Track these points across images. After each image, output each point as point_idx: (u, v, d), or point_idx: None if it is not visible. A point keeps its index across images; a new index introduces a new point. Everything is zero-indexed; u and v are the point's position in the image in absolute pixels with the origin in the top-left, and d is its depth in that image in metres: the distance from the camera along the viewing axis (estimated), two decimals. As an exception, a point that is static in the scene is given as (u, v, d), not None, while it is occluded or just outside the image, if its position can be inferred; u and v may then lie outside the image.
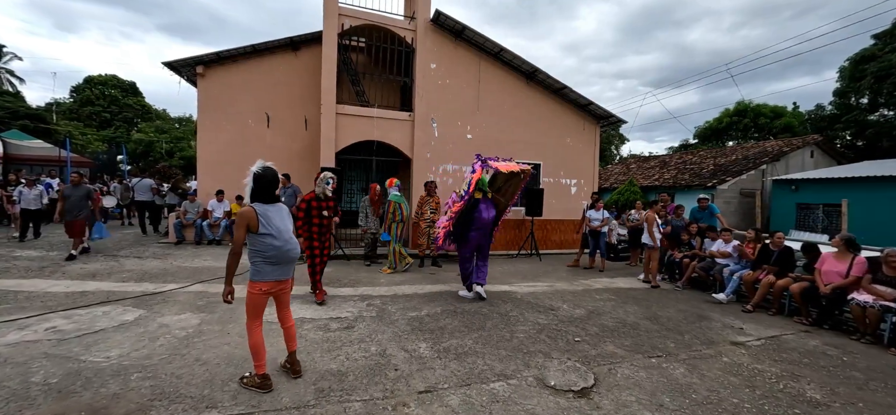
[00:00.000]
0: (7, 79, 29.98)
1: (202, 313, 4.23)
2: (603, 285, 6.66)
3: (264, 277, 2.69)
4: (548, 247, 10.34)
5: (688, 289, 6.61)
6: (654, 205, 7.59)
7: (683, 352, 3.82)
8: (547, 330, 4.25)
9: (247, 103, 9.46)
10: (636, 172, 19.27)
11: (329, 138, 8.49)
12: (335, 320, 4.22)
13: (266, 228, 2.63)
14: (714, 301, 5.82)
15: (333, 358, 3.31)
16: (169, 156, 24.06)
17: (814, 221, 12.26)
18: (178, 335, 3.60)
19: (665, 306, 5.47)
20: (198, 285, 5.35)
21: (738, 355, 3.79)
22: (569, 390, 2.96)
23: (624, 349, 3.81)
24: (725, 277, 6.03)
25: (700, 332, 4.45)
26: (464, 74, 9.67)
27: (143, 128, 29.14)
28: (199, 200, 9.26)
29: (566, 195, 10.81)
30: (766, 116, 25.92)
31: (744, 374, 3.39)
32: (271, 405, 2.57)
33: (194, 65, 8.99)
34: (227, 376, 2.90)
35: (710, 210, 7.58)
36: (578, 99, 10.58)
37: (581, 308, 5.17)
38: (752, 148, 16.81)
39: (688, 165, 16.83)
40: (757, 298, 5.41)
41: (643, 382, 3.14)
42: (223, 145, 9.31)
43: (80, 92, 30.08)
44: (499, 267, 8.00)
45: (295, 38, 9.59)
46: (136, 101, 31.72)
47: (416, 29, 9.11)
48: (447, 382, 3.00)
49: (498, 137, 9.98)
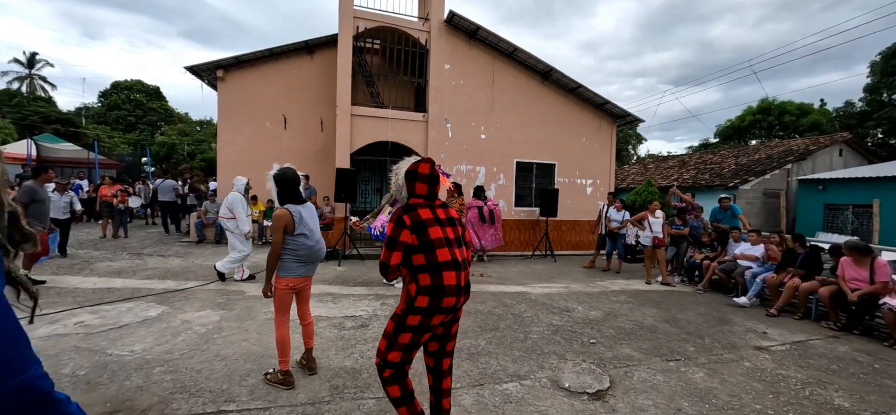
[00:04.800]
0: (40, 85, 31.43)
1: (222, 311, 4.34)
2: (620, 287, 6.54)
3: (292, 274, 2.76)
4: (563, 248, 10.23)
5: (708, 292, 6.44)
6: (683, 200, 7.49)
7: (703, 356, 3.72)
8: (562, 331, 4.20)
9: (264, 106, 9.66)
10: (654, 172, 18.87)
11: (344, 140, 8.60)
12: (350, 319, 4.27)
13: (300, 229, 2.72)
14: (735, 305, 5.65)
15: (348, 355, 3.35)
16: (190, 158, 24.77)
17: (843, 222, 11.77)
18: (198, 331, 3.70)
19: (684, 309, 5.34)
20: (217, 283, 5.48)
21: (762, 360, 3.67)
22: (583, 392, 2.92)
23: (641, 352, 3.74)
24: (747, 280, 5.85)
25: (721, 336, 4.32)
26: (478, 75, 9.66)
27: (167, 131, 30.07)
28: (219, 200, 9.50)
29: (581, 196, 10.68)
30: (791, 113, 25.03)
31: (767, 379, 3.28)
32: (287, 401, 2.61)
33: (215, 69, 9.24)
34: (245, 372, 2.96)
35: (731, 211, 7.36)
36: (594, 98, 10.44)
37: (597, 310, 5.09)
38: (776, 147, 16.26)
39: (708, 165, 16.40)
40: (781, 302, 5.23)
41: (661, 385, 3.08)
42: (242, 147, 9.54)
43: (108, 97, 31.24)
44: (513, 268, 7.95)
45: (310, 41, 9.76)
46: (160, 106, 32.74)
47: (429, 30, 9.15)
48: (460, 381, 3.00)
49: (512, 137, 9.93)
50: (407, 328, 1.95)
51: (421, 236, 1.93)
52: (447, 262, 1.94)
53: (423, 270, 1.93)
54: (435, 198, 2.10)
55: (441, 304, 1.92)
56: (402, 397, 2.02)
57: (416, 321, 1.94)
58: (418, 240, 1.93)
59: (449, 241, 1.99)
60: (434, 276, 1.92)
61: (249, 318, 4.14)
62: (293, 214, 2.71)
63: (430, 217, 1.98)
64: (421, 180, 2.05)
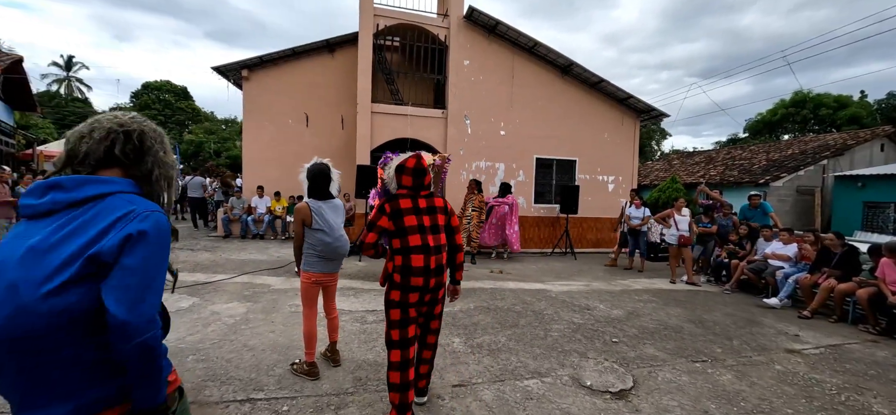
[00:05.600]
0: (77, 87, 33.07)
1: (249, 303, 4.49)
2: (642, 286, 6.41)
3: (313, 269, 2.82)
4: (583, 245, 10.08)
5: (736, 292, 6.23)
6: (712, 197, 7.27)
7: (731, 358, 3.62)
8: (583, 330, 4.16)
9: (287, 104, 9.88)
10: (679, 168, 18.33)
11: (364, 137, 8.71)
12: (371, 313, 4.35)
13: (318, 224, 2.76)
14: (766, 306, 5.45)
15: (370, 349, 3.41)
16: (216, 155, 25.60)
17: (884, 221, 11.14)
18: (227, 322, 3.85)
19: (711, 310, 5.19)
20: (244, 276, 5.67)
21: (794, 364, 3.54)
22: (606, 391, 2.89)
23: (665, 352, 3.66)
24: (779, 281, 5.63)
25: (750, 337, 4.19)
26: (497, 70, 9.60)
27: (194, 130, 31.15)
28: (244, 196, 9.80)
29: (603, 192, 10.48)
30: (828, 106, 23.80)
31: (799, 383, 3.16)
32: (313, 391, 2.69)
33: (240, 69, 9.50)
34: (271, 362, 3.06)
35: (762, 208, 7.08)
36: (617, 92, 10.21)
37: (619, 309, 5.01)
38: (811, 141, 15.51)
39: (737, 161, 15.80)
40: (815, 304, 5.02)
41: (686, 386, 3.01)
42: (266, 144, 9.79)
43: (139, 97, 32.59)
44: (532, 265, 7.90)
45: (331, 39, 9.90)
46: (188, 105, 33.93)
47: (449, 26, 9.14)
48: (480, 377, 3.02)
49: (532, 133, 9.84)
50: (392, 304, 2.24)
51: (397, 223, 2.21)
52: (417, 246, 2.18)
53: (397, 252, 2.22)
54: (421, 188, 2.32)
55: (410, 282, 2.19)
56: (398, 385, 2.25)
57: (397, 297, 2.22)
58: (394, 226, 2.21)
59: (423, 228, 2.22)
60: (404, 258, 2.19)
61: (275, 310, 4.27)
62: (312, 209, 2.76)
63: (410, 207, 2.24)
64: (407, 173, 2.30)
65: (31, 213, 0.94)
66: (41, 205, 0.93)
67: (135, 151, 1.05)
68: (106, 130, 1.03)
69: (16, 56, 9.31)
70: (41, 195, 0.94)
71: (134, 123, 1.07)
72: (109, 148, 1.02)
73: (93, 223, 0.91)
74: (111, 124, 1.04)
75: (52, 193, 0.94)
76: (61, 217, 0.92)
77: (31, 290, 0.84)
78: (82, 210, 0.93)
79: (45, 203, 0.93)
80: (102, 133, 1.02)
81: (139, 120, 1.09)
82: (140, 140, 1.06)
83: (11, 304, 0.84)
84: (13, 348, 0.85)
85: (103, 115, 1.09)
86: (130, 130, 1.05)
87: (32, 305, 0.83)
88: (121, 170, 1.04)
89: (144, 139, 1.07)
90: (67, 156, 1.02)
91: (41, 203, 0.94)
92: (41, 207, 0.93)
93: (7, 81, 8.78)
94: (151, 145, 1.08)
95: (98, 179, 0.97)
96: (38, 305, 0.83)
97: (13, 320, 0.83)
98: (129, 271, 0.88)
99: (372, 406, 2.55)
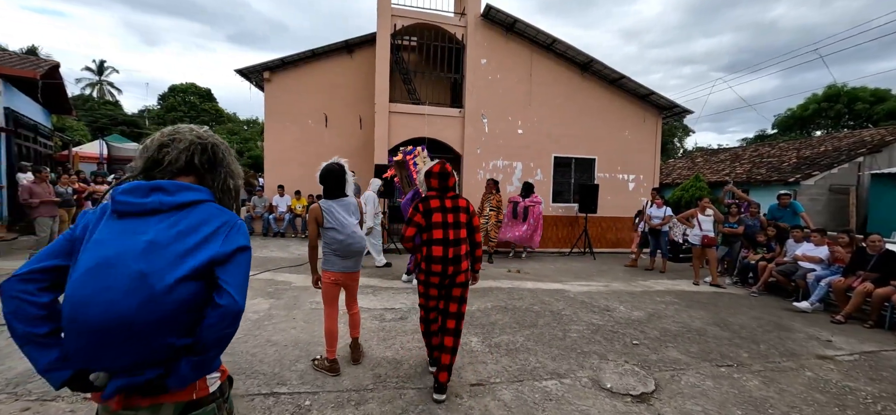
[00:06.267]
0: (108, 90, 34.50)
1: (271, 299, 4.61)
2: (664, 288, 6.27)
3: (332, 267, 2.88)
4: (602, 245, 9.92)
5: (763, 295, 6.02)
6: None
7: (758, 363, 3.50)
8: (602, 331, 4.10)
9: (307, 105, 10.07)
10: (703, 166, 17.79)
11: (382, 137, 8.80)
12: (389, 311, 4.40)
13: (329, 223, 2.81)
14: (795, 310, 5.25)
15: (389, 346, 3.46)
16: (239, 155, 26.33)
17: (926, 221, 10.54)
18: (251, 318, 3.96)
19: (736, 313, 5.04)
20: (267, 273, 5.82)
21: (826, 371, 3.41)
22: (627, 393, 2.84)
23: (689, 356, 3.58)
24: (810, 284, 5.41)
25: (778, 342, 4.04)
26: (515, 68, 9.53)
27: (217, 131, 32.04)
28: (266, 195, 10.05)
29: (623, 191, 10.28)
30: (864, 100, 22.62)
31: (832, 391, 3.04)
32: (334, 387, 2.75)
33: (262, 71, 9.74)
34: (293, 358, 3.14)
35: (792, 208, 6.82)
36: (638, 89, 9.99)
37: (640, 310, 4.92)
38: (845, 138, 14.80)
39: (765, 158, 15.22)
40: (850, 308, 4.80)
41: (710, 391, 2.94)
42: (287, 144, 10.01)
43: (166, 99, 33.75)
44: (550, 265, 7.83)
45: (350, 40, 10.03)
46: (211, 107, 34.92)
47: (466, 25, 9.12)
48: (499, 376, 3.02)
49: (550, 131, 9.73)
50: (421, 283, 2.78)
51: (426, 219, 2.68)
52: (438, 239, 2.64)
53: (424, 243, 2.68)
54: (447, 190, 2.76)
55: (432, 268, 2.65)
56: (424, 332, 2.95)
57: (422, 279, 2.74)
58: (424, 221, 2.69)
59: (446, 224, 2.66)
60: (428, 248, 2.65)
61: (296, 307, 4.37)
62: (323, 208, 2.82)
63: (437, 206, 2.69)
64: (434, 177, 2.77)
65: (136, 210, 1.03)
66: (147, 203, 1.03)
67: (209, 162, 1.19)
68: (189, 141, 1.16)
69: (53, 62, 9.78)
70: (146, 195, 1.04)
71: (209, 137, 1.21)
72: (190, 158, 1.15)
73: (201, 227, 1.05)
74: (192, 137, 1.17)
75: (158, 194, 1.05)
76: (170, 217, 1.04)
77: (160, 280, 0.95)
78: (184, 212, 1.06)
79: (152, 202, 1.04)
80: (185, 144, 1.15)
81: (212, 135, 1.23)
82: (213, 152, 1.20)
83: (144, 292, 0.93)
84: (134, 332, 0.93)
85: (181, 126, 1.21)
86: (207, 143, 1.19)
87: (162, 293, 0.94)
88: (195, 178, 1.17)
89: (217, 152, 1.21)
90: (148, 162, 1.14)
91: (147, 202, 1.04)
92: (148, 206, 1.03)
93: (45, 86, 9.24)
94: (224, 157, 1.23)
95: (192, 187, 1.11)
96: (167, 294, 0.95)
97: (146, 306, 0.93)
98: (239, 271, 1.07)
99: (391, 403, 2.59)
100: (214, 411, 1.14)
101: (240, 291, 1.05)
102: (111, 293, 0.92)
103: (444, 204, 2.69)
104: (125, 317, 0.92)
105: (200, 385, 1.11)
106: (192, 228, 1.04)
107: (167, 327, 0.96)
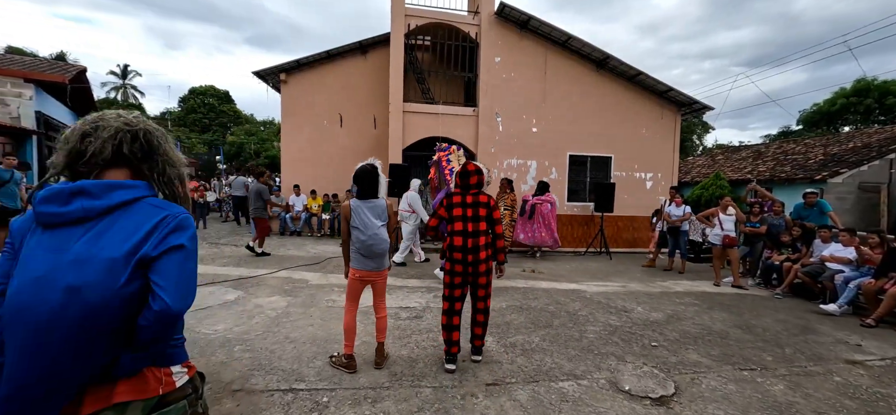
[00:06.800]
0: (132, 93, 35.62)
1: (289, 297, 4.69)
2: (684, 289, 6.13)
3: (355, 265, 2.94)
4: (618, 245, 9.76)
5: (788, 297, 5.84)
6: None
7: (783, 367, 3.40)
8: (620, 332, 4.04)
9: (322, 105, 10.20)
10: (724, 163, 17.32)
11: (397, 136, 8.85)
12: (404, 310, 4.42)
13: (354, 222, 2.88)
14: (822, 312, 5.07)
15: (404, 345, 3.48)
16: (256, 155, 26.82)
17: (964, 221, 10.03)
18: (269, 315, 4.04)
19: (760, 315, 4.89)
20: (283, 272, 5.93)
21: (855, 376, 3.28)
22: (645, 396, 2.79)
23: (710, 358, 3.49)
24: (838, 286, 5.21)
25: (805, 346, 3.91)
26: (529, 66, 9.46)
27: (235, 131, 32.75)
28: (282, 194, 10.22)
29: (640, 190, 10.10)
30: (896, 94, 21.65)
31: (862, 397, 2.92)
32: (350, 384, 2.78)
33: (278, 72, 9.90)
34: (311, 355, 3.19)
35: (819, 207, 6.57)
36: (656, 85, 9.79)
37: (658, 311, 4.82)
38: (876, 134, 14.19)
39: (789, 155, 14.72)
40: (881, 311, 4.61)
41: (733, 395, 2.86)
42: (302, 144, 10.16)
43: (186, 102, 34.65)
44: (566, 264, 7.75)
45: (364, 41, 10.12)
46: (230, 108, 35.69)
47: (480, 23, 9.10)
48: (514, 376, 3.00)
49: (565, 130, 9.62)
50: (447, 272, 3.08)
51: (449, 212, 3.08)
52: (459, 230, 3.01)
53: (449, 233, 3.08)
54: (469, 188, 3.09)
55: (453, 255, 3.01)
56: (445, 325, 3.10)
57: (448, 267, 3.06)
58: (447, 214, 3.09)
59: (466, 217, 3.02)
60: (451, 237, 3.05)
61: (313, 305, 4.44)
62: (352, 207, 2.90)
63: (459, 201, 3.07)
64: (458, 176, 3.17)
65: (60, 221, 0.92)
66: (71, 212, 0.92)
67: (142, 151, 1.05)
68: (114, 128, 1.01)
69: (80, 67, 10.16)
70: (67, 202, 0.92)
71: (140, 122, 1.07)
72: (118, 147, 1.01)
73: (135, 228, 0.95)
74: (118, 123, 1.02)
75: (80, 200, 0.93)
76: (99, 223, 0.94)
77: (96, 293, 0.89)
78: (116, 216, 0.96)
79: (75, 210, 0.92)
80: (110, 132, 1.00)
81: (142, 119, 1.08)
82: (147, 140, 1.06)
83: (79, 307, 0.87)
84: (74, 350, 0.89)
85: (106, 112, 1.06)
86: (137, 129, 1.04)
87: (99, 306, 0.89)
88: (129, 171, 1.04)
89: (151, 138, 1.07)
90: (71, 155, 1.00)
91: (70, 210, 0.92)
92: (72, 215, 0.93)
93: (73, 90, 9.59)
94: (159, 144, 1.09)
95: (123, 184, 0.99)
96: (106, 306, 0.89)
97: (85, 322, 0.88)
98: (174, 272, 0.97)
99: (407, 401, 2.61)
100: (185, 407, 1.07)
101: (174, 294, 0.95)
102: (40, 315, 0.86)
103: (466, 200, 3.04)
104: (62, 337, 0.86)
105: (166, 380, 1.05)
106: (124, 231, 0.95)
107: (108, 338, 0.92)
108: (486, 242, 3.03)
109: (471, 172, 3.08)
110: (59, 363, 0.88)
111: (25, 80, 7.99)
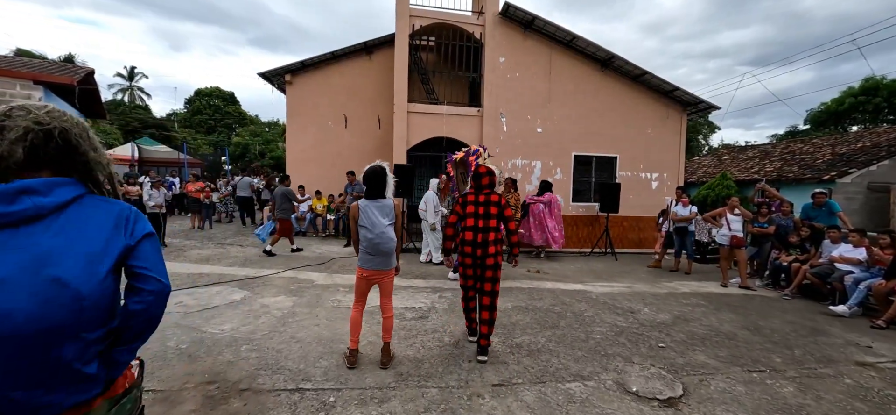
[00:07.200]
0: (138, 95, 35.92)
1: (294, 297, 4.70)
2: (690, 289, 6.09)
3: (362, 264, 2.99)
4: (624, 245, 9.71)
5: (796, 298, 5.78)
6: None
7: (792, 369, 3.36)
8: (626, 333, 4.01)
9: (327, 106, 10.23)
10: (730, 163, 17.18)
11: (401, 137, 8.85)
12: (410, 310, 4.42)
13: (362, 221, 2.94)
14: (832, 314, 5.02)
15: (410, 345, 3.48)
16: (261, 156, 26.96)
17: (976, 221, 9.87)
18: (275, 315, 4.06)
19: (768, 316, 4.85)
20: (289, 272, 5.94)
21: (866, 378, 3.24)
22: (653, 397, 2.77)
23: (718, 360, 3.46)
24: (848, 287, 5.15)
25: (814, 347, 3.87)
26: (534, 66, 9.43)
27: (241, 132, 32.94)
28: (288, 195, 10.25)
29: (646, 190, 10.04)
30: (905, 94, 21.36)
31: (873, 400, 2.88)
32: (357, 384, 2.78)
33: (283, 73, 9.94)
34: (317, 354, 3.20)
35: (828, 207, 6.49)
36: (661, 85, 9.74)
37: (665, 312, 4.79)
38: (885, 133, 14.02)
39: (796, 155, 14.57)
40: (892, 313, 4.54)
41: (742, 397, 2.83)
42: (307, 145, 10.19)
43: (192, 103, 34.89)
44: (571, 265, 7.72)
45: (368, 42, 10.14)
46: (235, 110, 35.91)
47: (484, 23, 9.09)
48: (520, 377, 2.99)
49: (570, 130, 9.59)
50: (460, 264, 3.41)
51: (462, 210, 3.37)
52: (469, 226, 3.30)
53: (461, 229, 3.38)
54: (481, 188, 3.35)
55: (464, 249, 3.32)
56: (464, 309, 3.59)
57: (460, 260, 3.39)
58: (461, 212, 3.37)
59: (477, 215, 3.29)
60: (462, 233, 3.35)
61: (319, 305, 4.45)
62: (360, 207, 2.96)
63: (472, 200, 3.33)
64: (473, 178, 3.45)
65: (11, 220, 0.88)
66: (22, 211, 0.88)
67: (59, 151, 0.97)
68: (23, 129, 0.91)
69: (88, 69, 10.25)
70: (12, 201, 0.87)
71: (55, 119, 0.97)
72: (30, 149, 0.92)
73: (99, 222, 0.97)
74: (27, 122, 0.92)
75: (29, 198, 0.89)
76: (56, 220, 0.92)
77: (81, 281, 0.90)
78: (68, 212, 0.94)
79: (26, 208, 0.88)
80: (18, 133, 0.91)
81: (58, 116, 0.98)
82: (64, 138, 0.97)
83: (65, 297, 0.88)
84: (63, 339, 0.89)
85: (15, 108, 0.95)
86: (52, 127, 0.95)
87: (83, 295, 0.90)
88: (50, 171, 0.97)
89: (69, 136, 0.98)
90: None
91: (20, 209, 0.88)
92: (24, 213, 0.88)
93: (81, 92, 9.69)
94: (79, 143, 1.00)
95: (64, 183, 0.95)
96: (88, 296, 0.91)
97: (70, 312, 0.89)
98: (154, 255, 1.06)
99: (414, 401, 2.60)
100: (137, 396, 1.12)
101: (162, 274, 1.05)
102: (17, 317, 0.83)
103: (478, 199, 3.30)
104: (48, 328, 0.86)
105: (129, 374, 1.09)
106: (93, 224, 0.95)
107: (91, 326, 0.93)
108: (495, 238, 3.26)
109: (482, 173, 3.35)
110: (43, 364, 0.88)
111: (35, 83, 8.08)
